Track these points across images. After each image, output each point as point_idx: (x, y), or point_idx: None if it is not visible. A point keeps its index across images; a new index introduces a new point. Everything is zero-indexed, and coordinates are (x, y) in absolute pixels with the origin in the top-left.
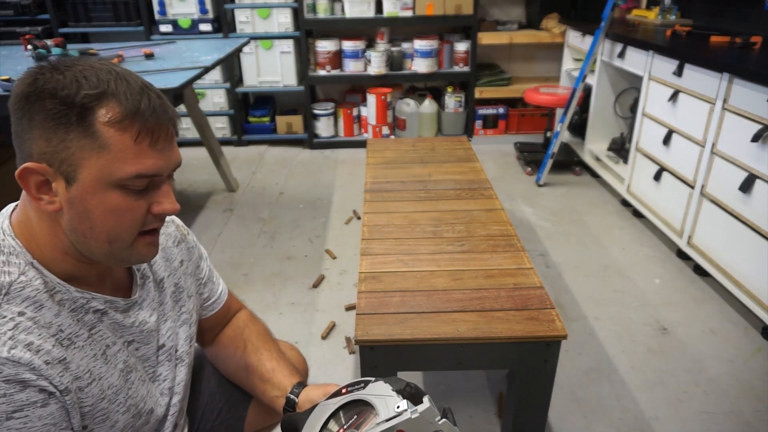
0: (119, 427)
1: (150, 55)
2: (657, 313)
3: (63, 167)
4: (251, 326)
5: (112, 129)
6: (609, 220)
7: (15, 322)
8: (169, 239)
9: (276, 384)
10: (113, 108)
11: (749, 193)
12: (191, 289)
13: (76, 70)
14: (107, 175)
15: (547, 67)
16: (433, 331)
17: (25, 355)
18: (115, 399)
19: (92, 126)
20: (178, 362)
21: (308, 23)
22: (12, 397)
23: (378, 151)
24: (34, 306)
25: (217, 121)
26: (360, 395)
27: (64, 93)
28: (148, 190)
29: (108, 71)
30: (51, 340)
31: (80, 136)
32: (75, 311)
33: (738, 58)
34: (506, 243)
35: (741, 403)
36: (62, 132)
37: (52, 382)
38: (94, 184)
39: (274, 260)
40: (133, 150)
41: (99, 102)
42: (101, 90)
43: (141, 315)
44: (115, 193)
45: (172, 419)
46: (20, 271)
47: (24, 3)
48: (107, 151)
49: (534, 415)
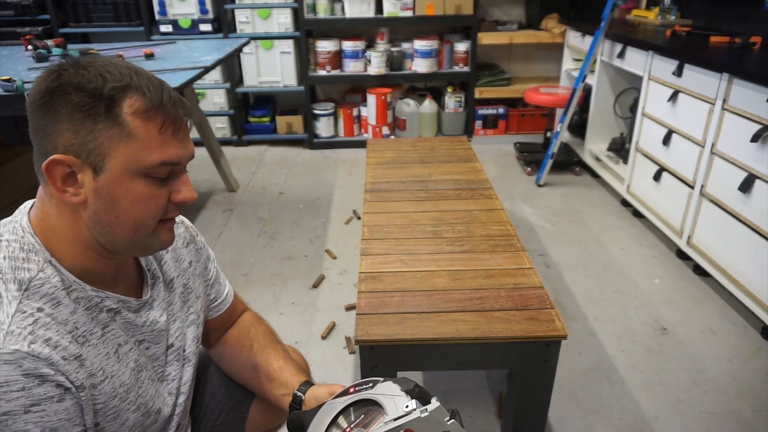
0: (129, 425)
1: (150, 56)
2: (657, 313)
3: (91, 157)
4: (257, 326)
5: (138, 119)
6: (609, 220)
7: (34, 318)
8: (179, 240)
9: (283, 382)
10: (139, 100)
11: (749, 193)
12: (199, 290)
13: (99, 66)
14: (134, 163)
15: (547, 67)
16: (433, 331)
17: (44, 350)
18: (126, 397)
19: (119, 116)
20: (186, 362)
21: (308, 23)
22: (31, 390)
23: (378, 151)
24: (52, 303)
25: (217, 121)
26: (368, 394)
27: (92, 86)
28: (169, 179)
29: (127, 67)
30: (68, 336)
31: (109, 126)
32: (90, 309)
33: (738, 59)
34: (506, 243)
35: (740, 403)
36: (90, 123)
37: (68, 377)
38: (121, 172)
39: (274, 260)
40: (158, 139)
41: (124, 94)
42: (125, 83)
43: (152, 315)
44: (141, 182)
45: (177, 419)
46: (39, 268)
47: (24, 3)
48: (134, 140)
49: (534, 415)
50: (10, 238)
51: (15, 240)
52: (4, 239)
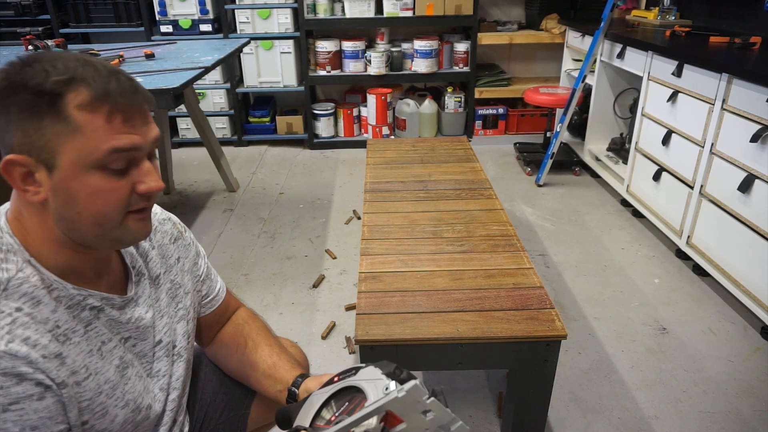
0: (119, 421)
1: (150, 56)
2: (656, 312)
3: (42, 155)
4: (251, 323)
5: (84, 112)
6: (609, 220)
7: (12, 318)
8: (165, 236)
9: (278, 378)
10: (82, 92)
11: (748, 193)
12: (188, 286)
13: (44, 61)
14: (84, 156)
15: (547, 67)
16: (433, 331)
17: (22, 349)
18: (113, 394)
19: (64, 111)
20: (176, 358)
21: (308, 23)
22: (9, 389)
23: (378, 151)
24: (32, 302)
25: (218, 121)
26: (351, 381)
27: (34, 83)
28: (130, 170)
29: (76, 59)
30: (48, 335)
31: (53, 122)
32: (71, 308)
33: (737, 59)
34: (506, 243)
35: (740, 403)
36: (36, 121)
37: (48, 375)
38: (73, 167)
39: (274, 260)
40: (106, 129)
41: (68, 87)
42: (69, 76)
43: (137, 312)
44: (97, 175)
45: (170, 414)
46: (18, 267)
47: (25, 3)
48: (81, 134)
49: (534, 414)
50: None
51: None
52: None
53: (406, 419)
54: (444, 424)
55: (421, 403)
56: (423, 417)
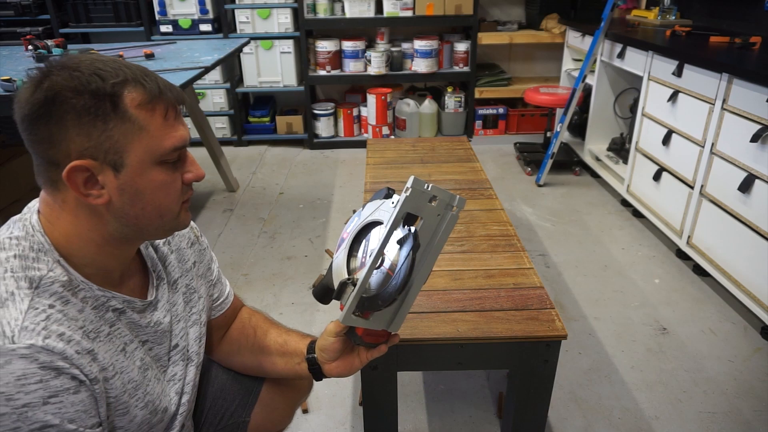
0: (137, 422)
1: (150, 56)
2: (656, 312)
3: (109, 157)
4: (255, 315)
5: (143, 111)
6: (609, 220)
7: (47, 314)
8: (183, 240)
9: (292, 353)
10: (138, 92)
11: (748, 193)
12: (201, 290)
13: (89, 65)
14: (151, 153)
15: (547, 67)
16: (433, 331)
17: (58, 345)
18: (135, 394)
19: (126, 112)
20: (189, 362)
21: (308, 23)
22: (48, 383)
23: (378, 151)
24: (62, 301)
25: (218, 121)
26: (360, 225)
27: (93, 87)
28: (178, 162)
29: (113, 61)
30: (79, 332)
31: (119, 123)
32: (96, 308)
33: (737, 59)
34: (506, 243)
35: (740, 403)
36: (101, 123)
37: (82, 370)
38: (141, 164)
39: (274, 260)
40: (164, 126)
41: (124, 89)
42: (123, 78)
43: (156, 316)
44: (158, 170)
45: (180, 419)
46: (48, 267)
47: (24, 3)
48: (146, 132)
49: (534, 415)
50: (20, 236)
51: (25, 239)
52: (15, 237)
53: (421, 213)
54: (448, 203)
55: (425, 192)
56: (431, 205)
